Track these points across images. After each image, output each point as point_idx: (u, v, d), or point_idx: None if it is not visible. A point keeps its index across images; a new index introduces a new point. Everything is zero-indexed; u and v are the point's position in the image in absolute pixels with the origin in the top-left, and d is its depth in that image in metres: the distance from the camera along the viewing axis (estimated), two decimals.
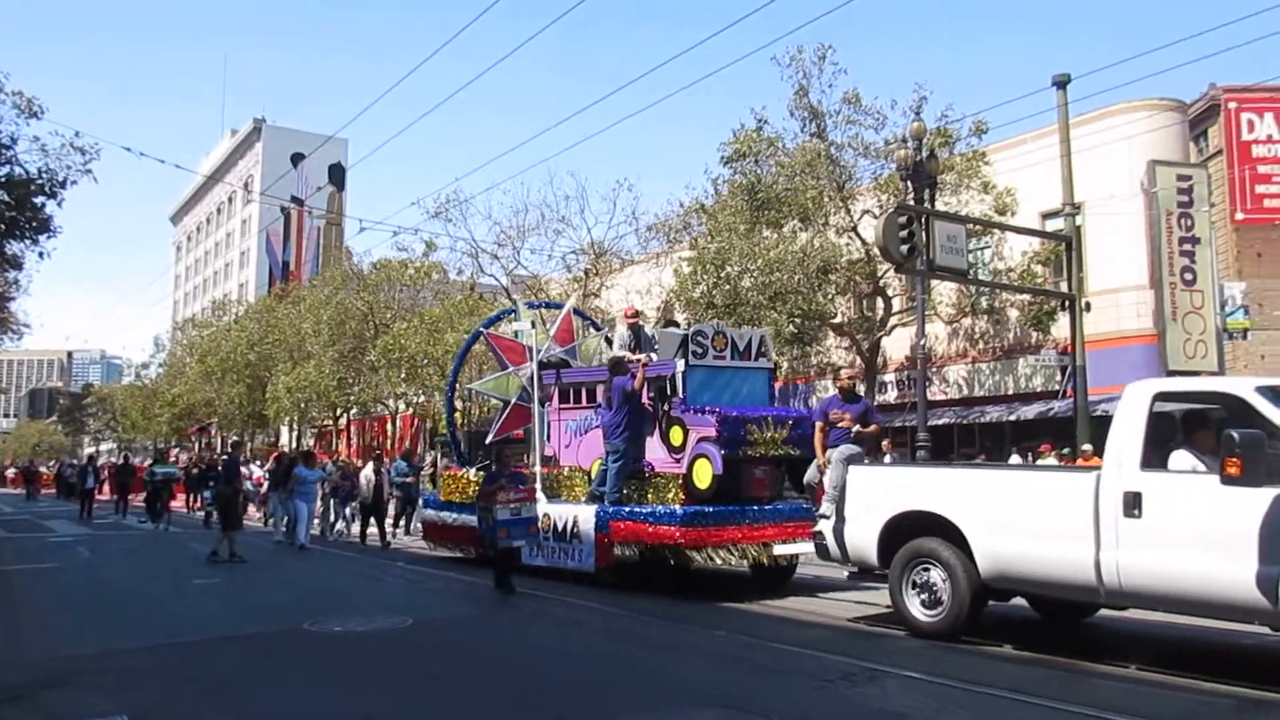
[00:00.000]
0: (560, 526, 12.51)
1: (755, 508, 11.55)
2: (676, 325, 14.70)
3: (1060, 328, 24.11)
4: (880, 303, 26.23)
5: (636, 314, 14.28)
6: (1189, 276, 25.92)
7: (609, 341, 16.06)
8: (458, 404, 22.10)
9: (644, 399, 12.18)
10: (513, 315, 16.43)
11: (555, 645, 8.77)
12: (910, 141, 19.35)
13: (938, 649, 8.10)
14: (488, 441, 15.68)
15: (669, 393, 12.14)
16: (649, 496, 12.03)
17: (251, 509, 25.44)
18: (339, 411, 48.58)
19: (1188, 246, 26.06)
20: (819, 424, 10.19)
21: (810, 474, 10.06)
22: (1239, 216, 49.81)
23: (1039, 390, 26.36)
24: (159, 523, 23.43)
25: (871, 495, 9.10)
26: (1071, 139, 19.65)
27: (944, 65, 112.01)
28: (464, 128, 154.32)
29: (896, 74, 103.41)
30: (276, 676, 7.47)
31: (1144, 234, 26.15)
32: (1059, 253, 22.15)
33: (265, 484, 24.28)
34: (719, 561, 11.26)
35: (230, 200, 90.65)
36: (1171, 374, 25.50)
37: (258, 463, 29.32)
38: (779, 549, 11.48)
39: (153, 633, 9.26)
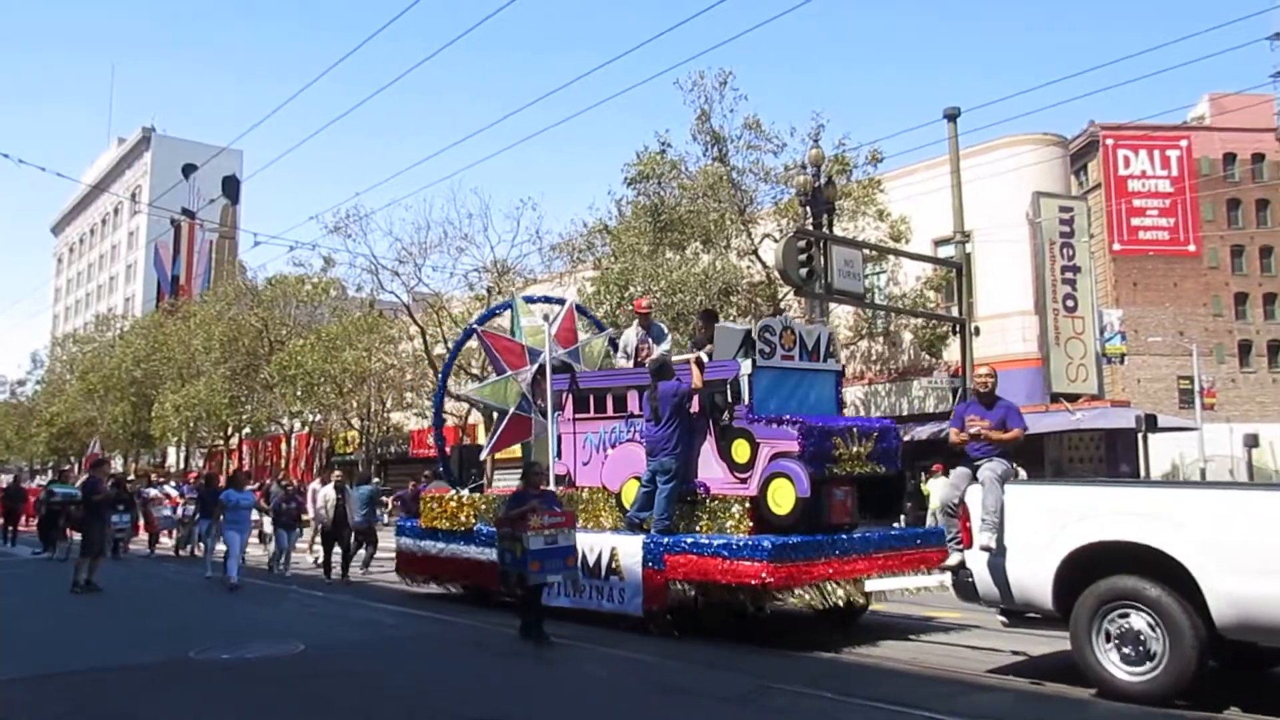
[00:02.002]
0: (592, 561, 10.34)
1: (844, 537, 9.73)
2: (715, 318, 12.63)
3: (951, 351, 24.92)
4: None
5: (649, 307, 12.64)
6: (1070, 303, 27.08)
7: (614, 345, 14.25)
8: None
9: (694, 406, 10.27)
10: (509, 310, 14.41)
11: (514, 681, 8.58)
12: (809, 168, 19.80)
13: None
14: (481, 457, 14.02)
15: (730, 399, 10.16)
16: (702, 525, 10.04)
17: (165, 537, 23.02)
18: (230, 431, 47.10)
19: (1069, 275, 27.24)
20: (954, 430, 8.75)
21: (947, 494, 8.35)
22: (1116, 247, 52.53)
23: (932, 411, 27.17)
24: (54, 551, 20.42)
25: (1045, 522, 7.31)
26: (961, 169, 20.37)
27: (841, 94, 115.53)
28: (365, 142, 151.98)
29: (795, 102, 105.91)
30: (154, 708, 7.14)
31: (1029, 262, 27.26)
32: (950, 279, 22.90)
33: (181, 507, 22.02)
34: (804, 603, 9.33)
35: (116, 211, 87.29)
36: (1055, 397, 26.64)
37: (171, 484, 26.84)
38: (872, 585, 9.64)
39: (24, 664, 8.75)
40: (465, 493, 12.89)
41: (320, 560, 17.10)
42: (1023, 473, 8.70)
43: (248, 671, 8.39)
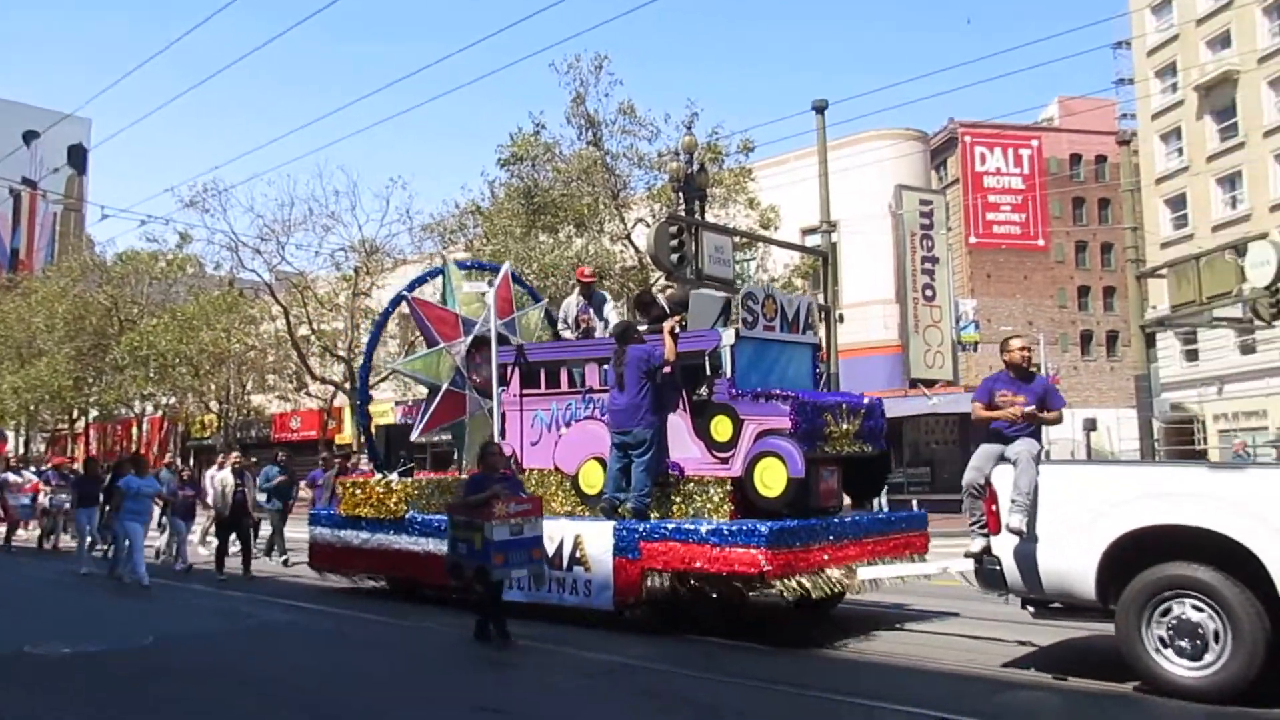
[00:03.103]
0: (552, 550, 9.29)
1: (836, 521, 9.13)
2: (653, 304, 11.38)
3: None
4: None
5: (593, 275, 11.85)
6: (929, 293, 28.21)
7: (550, 316, 13.21)
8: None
9: (660, 377, 9.40)
10: (441, 276, 13.10)
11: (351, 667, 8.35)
12: (682, 155, 19.97)
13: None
14: (412, 437, 12.82)
15: (709, 371, 9.36)
16: (676, 509, 9.37)
17: (23, 528, 20.68)
18: (76, 414, 44.63)
19: (928, 266, 28.36)
20: (979, 405, 7.91)
21: (971, 475, 7.64)
22: (972, 240, 54.96)
23: None
24: None
25: (1088, 505, 6.70)
26: (829, 161, 20.89)
27: (714, 84, 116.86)
28: (225, 113, 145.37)
29: (669, 90, 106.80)
30: None
31: (891, 253, 28.24)
32: (817, 267, 23.49)
33: (46, 496, 19.57)
34: (796, 593, 8.47)
35: None
36: (913, 382, 27.72)
37: (31, 469, 24.17)
38: (866, 572, 9.01)
39: None
40: (394, 477, 11.63)
41: (214, 551, 15.25)
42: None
43: (80, 665, 7.97)
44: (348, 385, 32.30)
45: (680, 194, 19.46)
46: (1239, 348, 35.24)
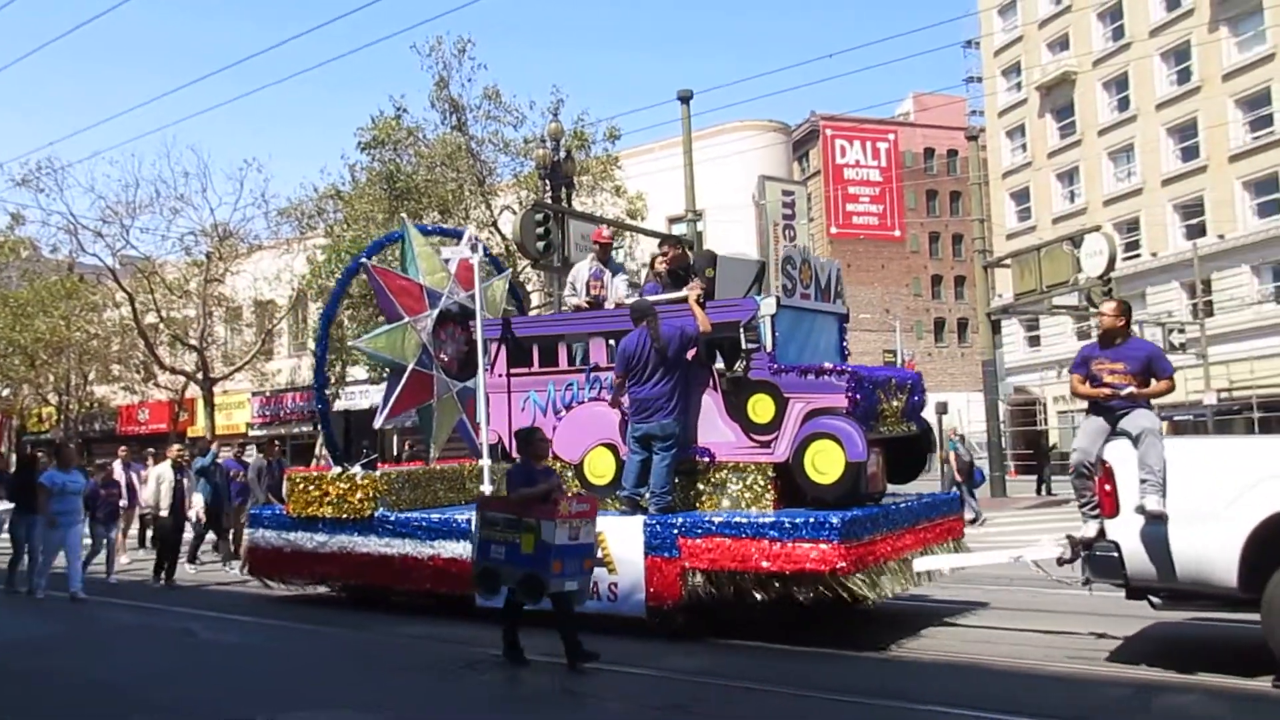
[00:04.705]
0: None
1: (894, 507, 8.39)
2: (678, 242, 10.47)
3: None
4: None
5: (611, 237, 10.76)
6: None
7: (514, 291, 11.96)
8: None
9: (688, 355, 8.50)
10: (401, 240, 11.74)
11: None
12: (548, 142, 19.89)
13: None
14: (376, 424, 11.38)
15: (744, 345, 8.41)
16: (705, 501, 8.50)
17: None
18: None
19: None
20: (1077, 378, 7.05)
21: (1079, 455, 6.89)
22: (833, 230, 56.55)
23: None
24: None
25: (1229, 482, 6.06)
26: (694, 150, 21.14)
27: (578, 72, 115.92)
28: (62, 84, 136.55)
29: (533, 77, 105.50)
30: None
31: (755, 242, 28.80)
32: None
33: None
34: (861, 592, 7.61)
35: None
36: None
37: None
38: (923, 563, 8.33)
39: None
40: (357, 470, 10.24)
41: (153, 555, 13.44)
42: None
43: None
44: (199, 375, 30.96)
45: (547, 181, 19.39)
46: (1076, 333, 37.44)
